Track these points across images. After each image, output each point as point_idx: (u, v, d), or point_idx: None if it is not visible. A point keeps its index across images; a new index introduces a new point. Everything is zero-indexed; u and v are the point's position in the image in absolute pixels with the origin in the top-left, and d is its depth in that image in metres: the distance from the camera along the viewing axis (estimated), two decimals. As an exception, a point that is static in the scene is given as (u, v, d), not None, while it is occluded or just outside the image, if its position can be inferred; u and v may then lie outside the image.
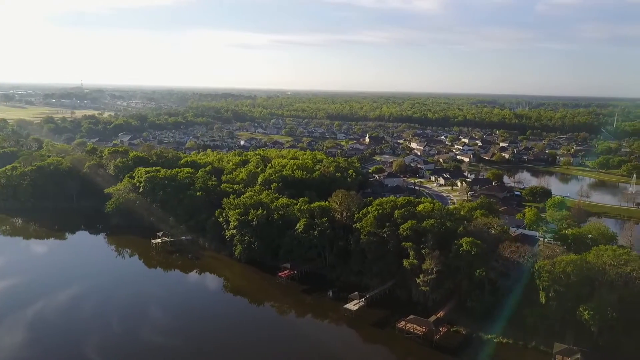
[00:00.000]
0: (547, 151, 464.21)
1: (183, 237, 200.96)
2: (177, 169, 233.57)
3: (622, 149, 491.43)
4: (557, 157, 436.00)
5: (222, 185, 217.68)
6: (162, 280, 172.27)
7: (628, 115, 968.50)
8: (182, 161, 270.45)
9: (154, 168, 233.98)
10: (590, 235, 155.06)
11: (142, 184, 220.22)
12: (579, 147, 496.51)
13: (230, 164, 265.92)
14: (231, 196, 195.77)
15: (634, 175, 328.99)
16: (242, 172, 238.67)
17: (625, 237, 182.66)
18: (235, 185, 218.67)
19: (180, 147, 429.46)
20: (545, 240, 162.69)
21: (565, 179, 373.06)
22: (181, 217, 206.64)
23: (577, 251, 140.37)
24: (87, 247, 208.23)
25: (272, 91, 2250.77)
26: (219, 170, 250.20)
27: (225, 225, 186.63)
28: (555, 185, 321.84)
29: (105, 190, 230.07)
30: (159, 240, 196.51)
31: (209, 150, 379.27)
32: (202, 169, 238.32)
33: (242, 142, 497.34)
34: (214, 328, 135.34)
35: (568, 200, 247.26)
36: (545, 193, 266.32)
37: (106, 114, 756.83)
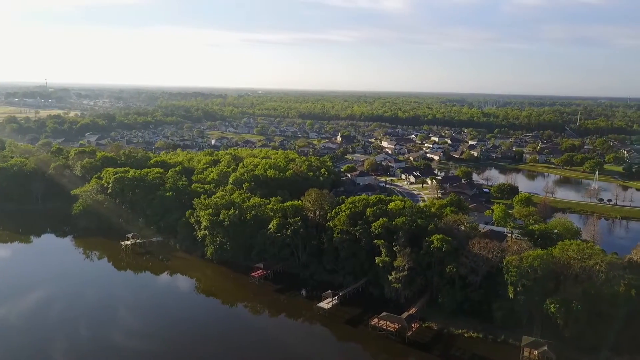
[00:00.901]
0: (514, 149, 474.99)
1: (153, 239, 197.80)
2: (146, 169, 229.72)
3: (585, 147, 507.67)
4: (524, 155, 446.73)
5: (193, 185, 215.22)
6: (132, 282, 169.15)
7: (590, 113, 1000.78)
8: (152, 161, 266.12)
9: (122, 168, 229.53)
10: (555, 231, 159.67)
11: (110, 185, 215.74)
12: (544, 145, 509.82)
13: (201, 163, 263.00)
14: (202, 196, 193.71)
15: (597, 172, 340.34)
16: (213, 171, 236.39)
17: (589, 231, 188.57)
18: (206, 185, 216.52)
19: (149, 147, 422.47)
20: (513, 236, 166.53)
21: (531, 176, 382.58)
22: (151, 218, 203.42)
23: (543, 246, 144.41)
24: (53, 250, 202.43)
25: (243, 90, 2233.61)
26: (190, 170, 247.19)
27: (196, 226, 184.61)
28: (522, 182, 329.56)
29: (72, 192, 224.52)
30: (128, 242, 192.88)
31: (179, 150, 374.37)
32: (172, 169, 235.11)
33: (213, 142, 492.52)
34: (185, 330, 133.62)
35: (534, 197, 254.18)
36: (513, 190, 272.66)
37: (72, 114, 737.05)
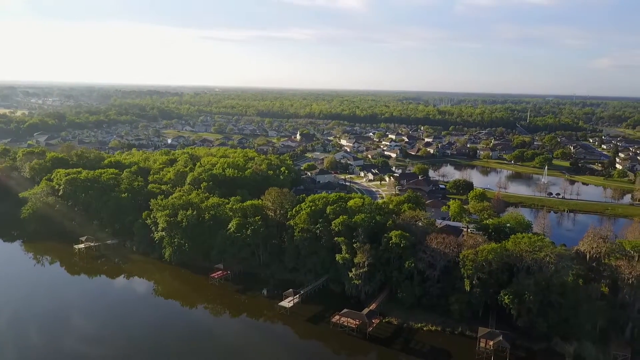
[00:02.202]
0: (468, 145, 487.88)
1: (109, 241, 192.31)
2: (100, 170, 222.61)
3: (535, 143, 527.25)
4: (478, 151, 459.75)
5: (149, 186, 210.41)
6: (86, 287, 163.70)
7: (539, 111, 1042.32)
8: (106, 161, 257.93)
9: (74, 170, 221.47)
10: (508, 224, 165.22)
11: (62, 187, 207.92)
12: (496, 142, 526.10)
13: (157, 163, 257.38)
14: (159, 197, 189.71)
15: (546, 167, 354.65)
16: (169, 171, 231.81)
17: (539, 224, 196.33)
18: (163, 186, 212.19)
19: (103, 147, 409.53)
20: (469, 230, 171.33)
21: (485, 171, 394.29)
22: (106, 221, 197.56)
23: (497, 240, 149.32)
24: (0, 255, 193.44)
25: (200, 88, 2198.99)
26: (146, 171, 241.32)
27: (153, 227, 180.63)
28: (476, 178, 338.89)
29: (21, 195, 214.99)
30: (82, 246, 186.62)
31: (134, 150, 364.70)
32: (127, 170, 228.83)
33: (169, 141, 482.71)
34: (143, 334, 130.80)
35: (488, 192, 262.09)
36: (468, 185, 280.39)
37: (19, 113, 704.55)
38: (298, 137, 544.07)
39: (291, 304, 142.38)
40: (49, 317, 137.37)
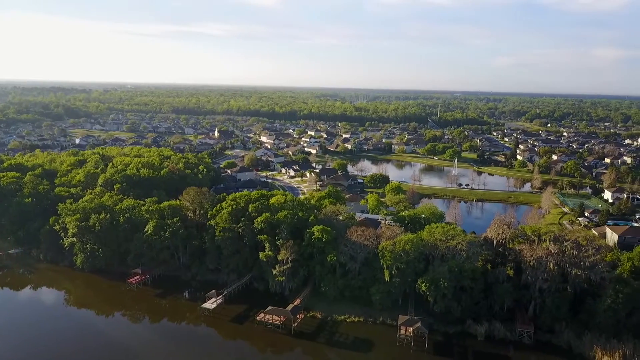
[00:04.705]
0: (383, 141, 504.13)
1: (11, 251, 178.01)
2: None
3: (445, 137, 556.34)
4: (393, 146, 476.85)
5: (56, 189, 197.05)
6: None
7: (448, 106, 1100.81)
8: (5, 164, 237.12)
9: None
10: (423, 215, 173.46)
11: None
12: (410, 136, 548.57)
13: (65, 165, 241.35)
14: (68, 201, 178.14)
15: (456, 160, 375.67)
16: (79, 173, 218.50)
17: (451, 214, 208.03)
18: (71, 189, 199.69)
19: (1, 149, 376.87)
20: (387, 222, 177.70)
21: (400, 165, 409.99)
22: (7, 228, 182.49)
23: (413, 230, 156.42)
24: None
25: (109, 84, 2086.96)
26: (52, 173, 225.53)
27: (62, 233, 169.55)
28: (392, 172, 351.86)
29: None
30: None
31: (37, 151, 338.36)
32: (30, 172, 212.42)
33: (78, 141, 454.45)
34: (54, 348, 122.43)
35: (403, 185, 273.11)
36: (384, 179, 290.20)
37: None
38: (216, 134, 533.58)
39: (214, 305, 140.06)
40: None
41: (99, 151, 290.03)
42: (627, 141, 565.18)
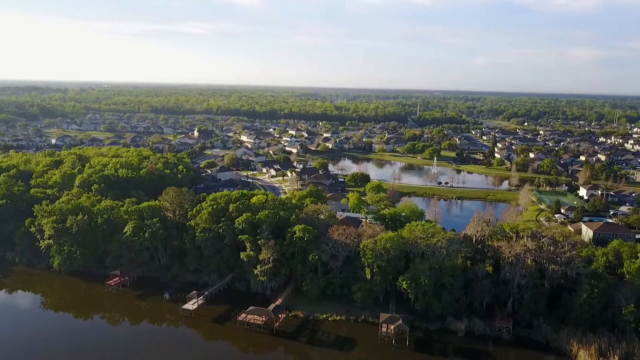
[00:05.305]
0: (364, 140, 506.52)
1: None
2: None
3: (425, 136, 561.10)
4: (373, 145, 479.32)
5: (32, 191, 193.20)
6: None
7: (427, 105, 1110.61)
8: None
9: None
10: (403, 213, 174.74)
11: None
12: (390, 135, 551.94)
13: (40, 165, 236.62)
14: (44, 202, 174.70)
15: (435, 158, 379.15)
16: (55, 174, 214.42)
17: (431, 212, 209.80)
18: (48, 190, 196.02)
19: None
20: (368, 220, 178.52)
21: (380, 164, 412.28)
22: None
23: (393, 228, 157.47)
24: None
25: (86, 83, 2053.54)
26: (27, 174, 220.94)
27: (38, 236, 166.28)
28: (372, 171, 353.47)
29: None
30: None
31: (12, 152, 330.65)
32: (4, 174, 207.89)
33: (54, 141, 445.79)
34: (31, 352, 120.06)
35: (384, 183, 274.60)
36: (365, 178, 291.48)
37: None
38: (196, 133, 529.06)
39: (195, 306, 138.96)
40: None
41: (76, 151, 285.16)
42: (601, 139, 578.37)
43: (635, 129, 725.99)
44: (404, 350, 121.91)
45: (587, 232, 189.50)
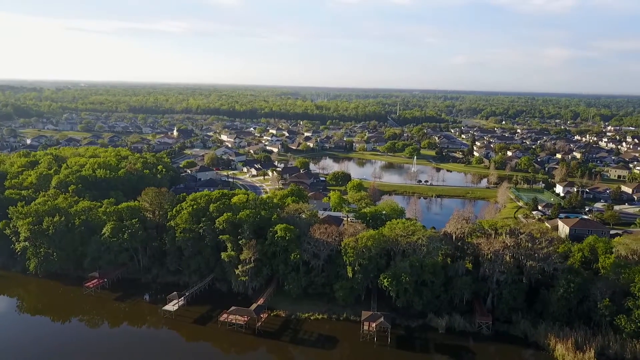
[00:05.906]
0: (345, 139, 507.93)
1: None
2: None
3: (405, 134, 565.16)
4: (354, 144, 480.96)
5: (6, 192, 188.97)
6: None
7: (407, 104, 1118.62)
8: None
9: None
10: (384, 212, 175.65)
11: None
12: (370, 134, 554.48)
13: (15, 166, 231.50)
14: (19, 204, 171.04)
15: (415, 157, 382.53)
16: (30, 175, 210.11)
17: (411, 210, 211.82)
18: (23, 191, 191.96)
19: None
20: (349, 219, 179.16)
21: (361, 163, 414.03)
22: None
23: (374, 227, 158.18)
24: None
25: (62, 82, 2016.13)
26: (1, 175, 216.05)
27: (14, 238, 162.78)
28: (353, 170, 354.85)
29: None
30: None
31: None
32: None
33: (29, 141, 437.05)
34: (7, 354, 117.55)
35: (365, 182, 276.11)
36: (346, 177, 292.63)
37: None
38: (175, 133, 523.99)
39: (176, 307, 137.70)
40: None
41: (52, 152, 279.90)
42: (577, 137, 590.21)
43: (609, 127, 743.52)
44: (385, 348, 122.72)
45: (563, 229, 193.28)
